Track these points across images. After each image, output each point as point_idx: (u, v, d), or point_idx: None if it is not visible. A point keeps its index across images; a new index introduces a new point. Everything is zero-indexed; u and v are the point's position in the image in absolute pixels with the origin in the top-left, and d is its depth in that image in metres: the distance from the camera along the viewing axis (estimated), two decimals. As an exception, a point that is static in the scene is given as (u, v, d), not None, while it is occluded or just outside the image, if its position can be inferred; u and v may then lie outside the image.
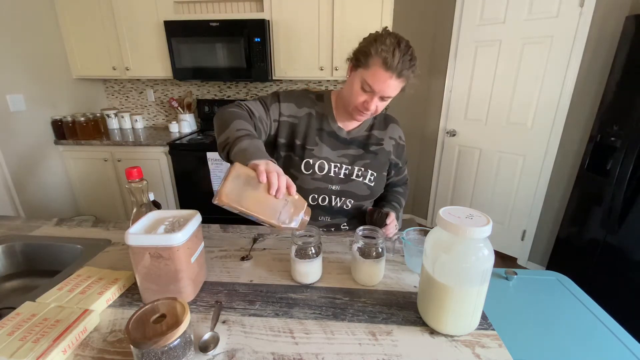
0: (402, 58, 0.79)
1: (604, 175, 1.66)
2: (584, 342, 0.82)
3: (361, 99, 0.86)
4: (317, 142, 0.96)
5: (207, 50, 2.22)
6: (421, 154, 2.86)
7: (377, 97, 0.84)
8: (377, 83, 0.81)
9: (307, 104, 0.97)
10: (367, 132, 1.01)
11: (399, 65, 0.79)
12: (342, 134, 0.98)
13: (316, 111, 0.98)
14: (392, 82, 0.81)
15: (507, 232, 2.38)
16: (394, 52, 0.78)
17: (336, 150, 0.97)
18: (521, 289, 1.01)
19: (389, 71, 0.79)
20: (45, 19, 2.20)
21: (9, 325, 0.56)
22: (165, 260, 0.61)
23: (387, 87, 0.82)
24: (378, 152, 1.00)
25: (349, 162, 0.97)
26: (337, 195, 0.96)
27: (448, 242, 0.56)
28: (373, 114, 0.91)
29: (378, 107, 0.87)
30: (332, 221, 1.01)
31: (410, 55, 0.82)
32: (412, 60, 0.82)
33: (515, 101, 2.14)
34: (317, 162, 0.95)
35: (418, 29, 2.52)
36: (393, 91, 0.84)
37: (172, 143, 2.22)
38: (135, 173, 0.71)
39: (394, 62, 0.78)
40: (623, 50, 1.60)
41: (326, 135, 0.97)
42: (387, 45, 0.79)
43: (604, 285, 1.66)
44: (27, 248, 0.92)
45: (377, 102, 0.85)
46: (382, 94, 0.83)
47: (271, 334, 0.59)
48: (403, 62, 0.79)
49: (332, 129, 0.97)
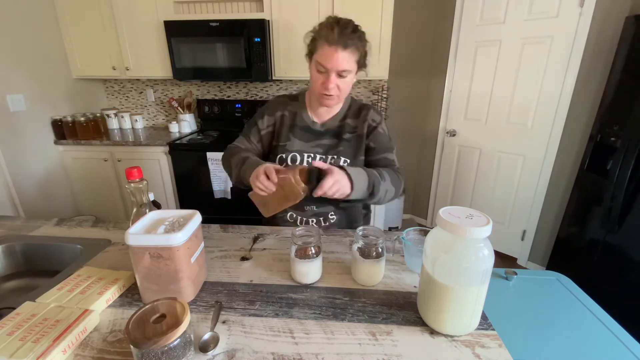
0: (342, 31, 0.85)
1: (604, 175, 1.66)
2: (584, 342, 0.82)
3: (320, 81, 0.90)
4: (290, 137, 1.02)
5: (207, 50, 2.22)
6: (421, 154, 2.86)
7: (333, 75, 0.88)
8: (326, 60, 0.86)
9: (280, 108, 1.05)
10: (340, 122, 1.03)
11: (341, 37, 0.84)
12: (316, 127, 1.03)
13: (289, 111, 1.04)
14: (339, 54, 0.85)
15: (507, 232, 2.38)
16: (333, 28, 0.85)
17: (310, 142, 1.01)
18: (521, 289, 1.01)
19: (333, 45, 0.84)
20: (45, 19, 2.20)
21: (9, 325, 0.56)
22: (165, 260, 0.61)
23: (337, 61, 0.85)
24: (351, 139, 1.01)
25: (323, 151, 1.01)
26: None
27: (448, 242, 0.56)
28: (339, 95, 0.93)
29: (340, 86, 0.90)
30: (319, 210, 1.03)
31: (352, 27, 0.87)
32: (355, 31, 0.87)
33: (515, 101, 2.14)
34: (289, 155, 1.00)
35: (418, 29, 2.52)
36: (345, 64, 0.86)
37: (172, 143, 2.22)
38: (135, 173, 0.71)
39: (335, 36, 0.84)
40: (623, 50, 1.60)
41: (299, 130, 1.02)
42: (326, 24, 0.87)
43: (604, 285, 1.66)
44: (27, 248, 0.92)
45: (335, 80, 0.88)
46: (336, 68, 0.86)
47: (271, 334, 0.59)
48: (344, 34, 0.84)
49: (305, 124, 1.03)
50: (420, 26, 2.51)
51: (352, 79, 0.94)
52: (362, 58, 0.92)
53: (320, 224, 1.04)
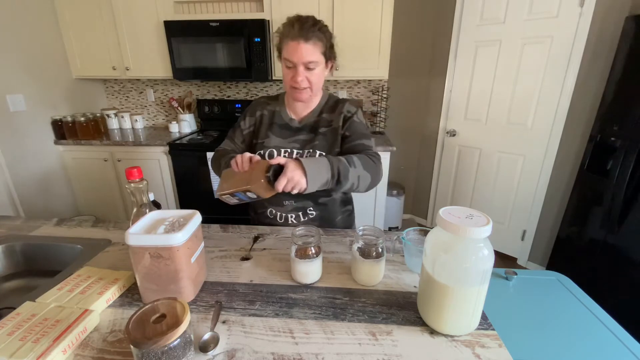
0: (302, 25, 0.89)
1: (604, 175, 1.66)
2: (584, 342, 0.82)
3: (289, 76, 0.94)
4: (268, 135, 1.05)
5: (207, 50, 2.22)
6: (421, 154, 2.86)
7: (300, 68, 0.92)
8: (291, 54, 0.91)
9: (259, 108, 1.10)
10: (317, 117, 1.06)
11: (301, 31, 0.89)
12: (294, 124, 1.06)
13: (268, 110, 1.09)
14: (302, 47, 0.89)
15: (507, 232, 2.38)
16: (294, 24, 0.91)
17: (287, 139, 1.04)
18: (521, 289, 1.01)
19: (295, 39, 0.89)
20: (45, 19, 2.20)
21: (9, 325, 0.56)
22: (165, 260, 0.61)
23: (301, 53, 0.90)
24: (327, 132, 1.03)
25: (300, 146, 1.03)
26: None
27: (448, 242, 0.56)
28: (310, 88, 0.96)
29: (309, 78, 0.94)
30: (298, 204, 1.04)
31: (312, 21, 0.92)
32: (316, 24, 0.92)
33: (515, 101, 2.14)
34: (267, 151, 1.03)
35: (418, 29, 2.52)
36: (310, 55, 0.90)
37: (172, 143, 2.22)
38: (135, 173, 0.71)
39: (296, 31, 0.89)
40: (623, 50, 1.60)
41: (277, 127, 1.06)
42: (287, 23, 0.93)
43: (604, 285, 1.66)
44: (27, 248, 0.92)
45: (303, 72, 0.92)
46: (301, 60, 0.90)
47: (271, 334, 0.59)
48: (304, 27, 0.89)
49: (284, 121, 1.06)
50: (420, 26, 2.51)
51: (322, 71, 0.97)
52: (328, 49, 0.95)
53: (299, 219, 1.05)
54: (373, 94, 2.60)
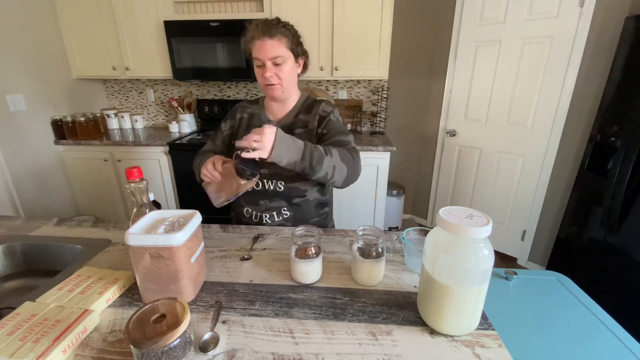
0: (264, 24, 0.94)
1: (604, 175, 1.66)
2: (584, 342, 0.82)
3: (260, 74, 0.97)
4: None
5: (207, 50, 2.22)
6: (421, 154, 2.86)
7: (268, 63, 0.95)
8: (258, 52, 0.94)
9: (239, 111, 1.13)
10: (293, 118, 1.07)
11: (265, 28, 0.93)
12: (271, 124, 1.03)
13: (248, 113, 1.12)
14: (267, 43, 0.93)
15: (507, 232, 2.38)
16: (257, 25, 0.95)
17: None
18: (521, 289, 1.01)
19: (259, 38, 0.93)
20: (45, 19, 2.20)
21: (9, 325, 0.56)
22: (165, 260, 0.61)
23: (266, 49, 0.93)
24: (302, 133, 1.04)
25: None
26: (268, 178, 1.03)
27: (448, 242, 0.56)
28: (281, 84, 0.98)
29: (279, 74, 0.96)
30: (272, 204, 1.05)
31: (276, 20, 0.96)
32: (279, 23, 0.96)
33: (515, 101, 2.14)
34: (243, 151, 0.99)
35: (418, 29, 2.52)
36: (276, 50, 0.93)
37: (172, 143, 2.22)
38: (135, 173, 0.71)
39: (259, 30, 0.93)
40: (623, 50, 1.60)
41: (255, 128, 1.02)
42: (252, 26, 0.96)
43: (604, 285, 1.66)
44: (27, 248, 0.92)
45: (272, 68, 0.95)
46: (268, 56, 0.93)
47: (271, 334, 0.59)
48: (268, 25, 0.93)
49: (261, 122, 1.07)
50: (420, 26, 2.51)
51: (292, 67, 0.99)
52: (295, 45, 0.98)
53: (274, 219, 1.06)
54: (373, 94, 2.60)
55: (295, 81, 1.05)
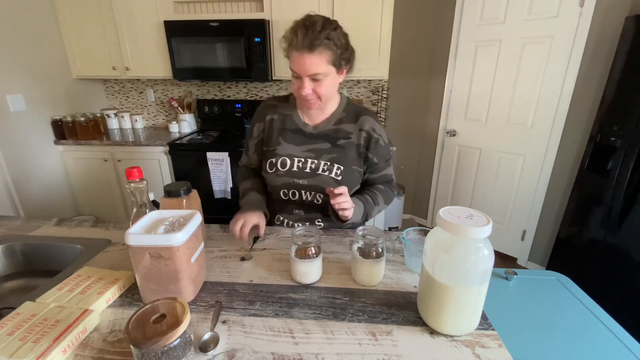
0: (307, 33, 0.81)
1: (604, 175, 1.66)
2: (584, 342, 0.82)
3: (296, 87, 0.88)
4: (280, 141, 0.99)
5: (207, 50, 2.22)
6: (421, 154, 2.86)
7: (306, 79, 0.85)
8: (296, 66, 0.84)
9: (269, 112, 1.02)
10: (335, 126, 0.99)
11: (305, 41, 0.80)
12: (308, 129, 0.99)
13: (279, 113, 1.01)
14: (307, 58, 0.82)
15: (507, 232, 2.38)
16: (297, 32, 0.82)
17: (301, 146, 0.98)
18: (521, 289, 1.01)
19: (299, 50, 0.81)
20: (45, 19, 2.20)
21: (9, 325, 0.56)
22: (165, 260, 0.61)
23: (306, 65, 0.83)
24: (345, 145, 0.97)
25: (315, 156, 0.97)
26: (306, 189, 0.98)
27: (448, 242, 0.56)
28: (319, 98, 0.89)
29: (317, 90, 0.87)
30: (306, 215, 1.03)
31: (321, 25, 0.82)
32: (323, 30, 0.82)
33: (515, 101, 2.14)
34: (279, 160, 0.98)
35: (418, 29, 2.52)
36: (314, 67, 0.83)
37: (172, 143, 2.22)
38: (135, 173, 0.71)
39: (299, 41, 0.81)
40: (623, 50, 1.60)
41: (290, 133, 0.99)
42: (291, 29, 0.84)
43: (604, 285, 1.66)
44: (27, 248, 0.92)
45: (309, 84, 0.86)
46: (307, 73, 0.84)
47: (271, 334, 0.59)
48: (310, 36, 0.80)
49: (296, 126, 0.99)
50: (420, 26, 2.51)
51: (333, 80, 0.89)
52: (338, 56, 0.86)
53: None
54: (373, 94, 2.60)
55: (336, 89, 0.95)
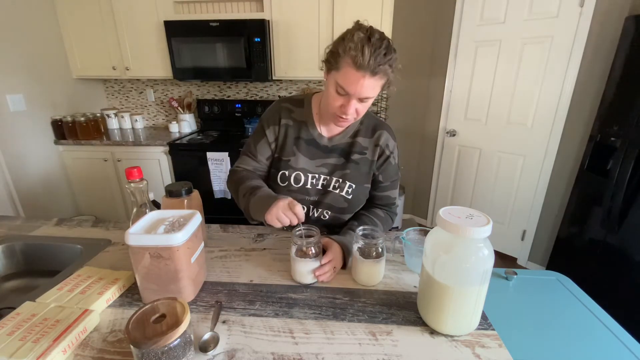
0: (373, 54, 0.70)
1: (604, 175, 1.66)
2: (584, 342, 0.82)
3: (338, 103, 0.79)
4: (294, 152, 0.92)
5: (207, 50, 2.22)
6: (421, 154, 2.86)
7: (353, 100, 0.76)
8: (350, 85, 0.74)
9: (284, 115, 0.93)
10: (351, 139, 0.92)
11: (370, 62, 0.70)
12: (323, 142, 0.92)
13: (293, 119, 0.93)
14: (366, 81, 0.72)
15: (507, 232, 2.38)
16: (363, 49, 0.70)
17: (315, 160, 0.92)
18: (521, 289, 1.01)
19: (361, 70, 0.71)
20: (45, 19, 2.20)
21: (9, 325, 0.56)
22: (165, 260, 0.61)
23: (361, 88, 0.73)
24: (360, 161, 0.92)
25: (328, 172, 0.92)
26: (315, 205, 0.94)
27: (448, 242, 0.56)
28: (356, 118, 0.83)
29: (358, 110, 0.80)
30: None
31: (386, 48, 0.72)
32: (388, 53, 0.72)
33: (515, 101, 2.14)
34: (293, 174, 0.91)
35: (418, 29, 2.52)
36: (370, 91, 0.75)
37: (172, 143, 2.22)
38: (135, 173, 0.71)
39: (364, 60, 0.70)
40: (623, 50, 1.60)
41: (304, 143, 0.92)
42: (355, 41, 0.71)
43: (604, 285, 1.66)
44: (27, 248, 0.92)
45: (355, 105, 0.78)
46: (358, 95, 0.75)
47: (271, 334, 0.59)
48: (375, 57, 0.70)
49: (311, 137, 0.92)
50: (420, 26, 2.51)
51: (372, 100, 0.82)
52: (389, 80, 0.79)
53: None
54: (373, 94, 2.60)
55: None
